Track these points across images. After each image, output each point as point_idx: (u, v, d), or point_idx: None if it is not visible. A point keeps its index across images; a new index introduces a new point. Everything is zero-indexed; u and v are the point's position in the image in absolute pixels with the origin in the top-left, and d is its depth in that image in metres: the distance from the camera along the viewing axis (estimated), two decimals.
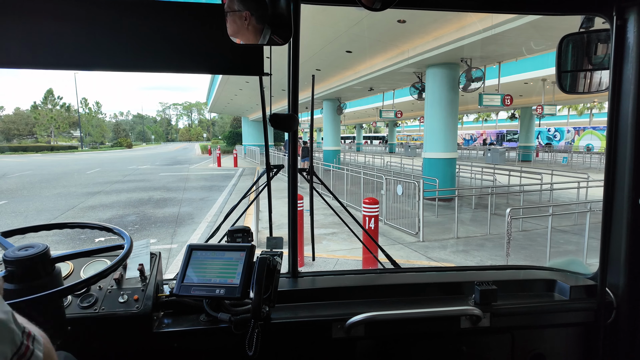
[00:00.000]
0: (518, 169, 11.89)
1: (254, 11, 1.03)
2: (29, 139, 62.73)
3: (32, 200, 11.19)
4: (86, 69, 1.14)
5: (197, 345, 1.18)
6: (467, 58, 9.30)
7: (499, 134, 42.32)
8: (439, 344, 1.33)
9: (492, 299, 1.31)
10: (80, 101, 76.75)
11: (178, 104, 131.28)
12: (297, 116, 1.33)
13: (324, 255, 5.74)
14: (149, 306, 1.14)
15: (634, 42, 1.19)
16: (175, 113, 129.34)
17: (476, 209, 9.05)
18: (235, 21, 1.04)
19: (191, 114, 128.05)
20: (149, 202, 10.56)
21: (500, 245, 6.17)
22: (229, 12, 1.02)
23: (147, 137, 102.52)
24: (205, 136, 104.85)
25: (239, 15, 1.03)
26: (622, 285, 1.32)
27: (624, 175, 1.26)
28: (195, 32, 1.21)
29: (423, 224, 6.28)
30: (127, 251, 1.08)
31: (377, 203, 4.83)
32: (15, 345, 0.55)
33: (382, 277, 1.52)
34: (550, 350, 1.38)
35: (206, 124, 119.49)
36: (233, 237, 1.29)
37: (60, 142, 60.11)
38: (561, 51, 1.31)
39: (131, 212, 9.19)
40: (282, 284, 1.39)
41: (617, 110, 1.26)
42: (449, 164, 9.89)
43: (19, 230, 1.15)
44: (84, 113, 70.30)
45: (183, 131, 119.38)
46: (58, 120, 62.26)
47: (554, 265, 1.63)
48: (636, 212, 1.24)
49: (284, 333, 1.24)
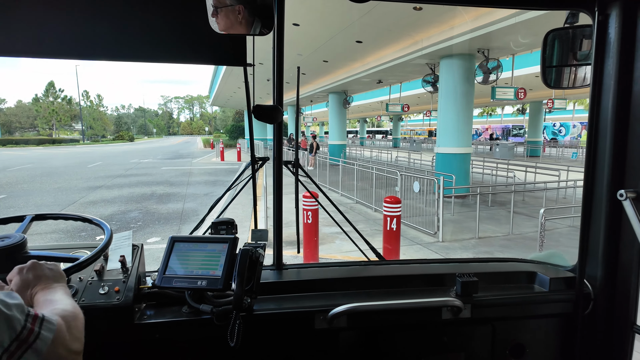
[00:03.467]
0: (532, 165, 11.51)
1: (237, 1, 1.02)
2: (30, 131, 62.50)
3: (32, 195, 10.88)
4: (65, 57, 1.14)
5: (179, 336, 1.18)
6: (485, 49, 8.88)
7: (505, 129, 41.77)
8: (420, 334, 1.34)
9: (473, 291, 1.32)
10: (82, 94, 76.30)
11: (180, 97, 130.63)
12: (281, 108, 1.31)
13: (338, 256, 5.41)
14: (130, 297, 1.14)
15: (615, 38, 1.19)
16: (176, 106, 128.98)
17: (492, 206, 8.70)
18: (218, 11, 1.02)
19: (193, 108, 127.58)
20: (151, 197, 10.24)
21: (525, 246, 5.83)
22: (212, 2, 1.01)
23: (148, 131, 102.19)
24: (207, 130, 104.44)
25: (221, 4, 1.02)
26: (599, 277, 1.34)
27: (603, 169, 1.27)
28: (177, 21, 1.19)
29: (442, 223, 5.93)
30: (106, 242, 1.11)
31: (399, 202, 4.50)
32: (14, 331, 0.60)
33: (366, 269, 1.53)
34: (530, 341, 1.40)
35: (208, 118, 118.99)
36: (217, 229, 1.29)
37: (61, 135, 59.91)
38: (546, 46, 1.32)
39: (133, 208, 8.87)
40: (267, 275, 1.39)
41: (597, 105, 1.26)
42: (463, 159, 9.51)
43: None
44: (86, 106, 69.97)
45: (185, 125, 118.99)
46: (59, 113, 61.92)
47: (535, 258, 1.65)
48: (615, 205, 1.25)
49: (266, 324, 1.24)
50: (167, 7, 1.17)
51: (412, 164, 16.72)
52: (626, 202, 1.16)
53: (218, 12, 1.02)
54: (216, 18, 1.02)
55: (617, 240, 1.30)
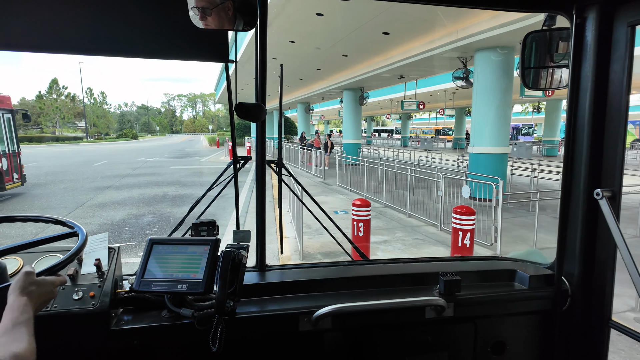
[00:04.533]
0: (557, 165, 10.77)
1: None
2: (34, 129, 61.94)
3: (37, 196, 10.27)
4: (42, 51, 1.12)
5: (158, 341, 1.15)
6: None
7: (515, 128, 40.92)
8: (404, 334, 1.34)
9: (456, 289, 1.32)
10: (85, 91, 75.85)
11: (182, 95, 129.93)
12: (264, 106, 1.25)
13: None
14: (106, 303, 1.10)
15: (592, 41, 1.21)
16: (179, 104, 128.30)
17: (532, 211, 8.02)
18: (200, 6, 0.99)
19: (196, 106, 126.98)
20: (164, 199, 9.60)
21: None
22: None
23: (151, 129, 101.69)
24: (211, 128, 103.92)
25: (210, 3, 0.98)
26: (576, 274, 1.36)
27: (580, 168, 1.30)
28: (157, 16, 1.17)
29: (501, 235, 5.25)
30: (80, 245, 1.08)
31: (473, 214, 3.83)
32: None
33: (350, 269, 1.52)
34: (510, 338, 1.43)
35: (211, 116, 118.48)
36: (197, 230, 1.24)
37: (65, 132, 59.44)
38: (525, 48, 1.35)
39: (146, 211, 8.23)
40: (249, 277, 1.36)
41: (575, 107, 1.29)
42: (499, 160, 8.82)
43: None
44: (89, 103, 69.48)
45: (188, 123, 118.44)
46: (63, 111, 61.42)
47: (515, 256, 1.67)
48: (591, 204, 1.27)
49: (249, 327, 1.21)
50: (147, 3, 1.15)
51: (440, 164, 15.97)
52: (602, 201, 1.19)
53: (205, 10, 0.98)
54: (201, 15, 0.98)
55: (594, 238, 1.31)
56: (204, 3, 0.98)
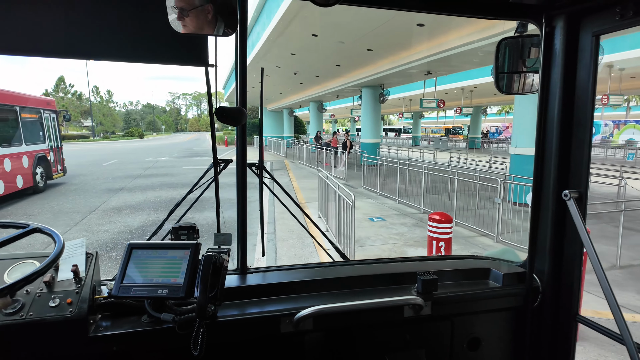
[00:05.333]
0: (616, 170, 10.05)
1: (202, 1, 0.97)
2: None
3: (47, 199, 9.69)
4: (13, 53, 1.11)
5: (138, 347, 1.14)
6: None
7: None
8: (383, 333, 1.37)
9: (433, 288, 1.36)
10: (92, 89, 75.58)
11: (187, 94, 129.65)
12: (245, 110, 1.22)
13: None
14: (84, 309, 1.08)
15: (560, 48, 1.26)
16: (184, 103, 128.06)
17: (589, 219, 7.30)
18: (183, 12, 0.97)
19: (200, 104, 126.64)
20: (182, 203, 8.98)
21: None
22: (175, 3, 0.95)
23: (157, 127, 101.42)
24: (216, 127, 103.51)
25: (189, 6, 0.96)
26: (546, 272, 1.41)
27: (550, 170, 1.34)
28: (136, 20, 1.15)
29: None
30: (57, 252, 1.05)
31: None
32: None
33: (331, 270, 1.53)
34: (485, 334, 1.47)
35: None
36: (177, 234, 1.25)
37: (71, 131, 59.05)
38: (498, 53, 1.39)
39: (165, 216, 7.62)
40: (230, 280, 1.37)
41: (545, 111, 1.33)
42: None
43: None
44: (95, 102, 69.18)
45: (192, 121, 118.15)
46: (69, 109, 61.15)
47: (489, 255, 1.73)
48: (560, 204, 1.31)
49: (231, 331, 1.21)
50: (125, 6, 1.14)
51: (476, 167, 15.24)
52: (570, 201, 1.24)
53: (183, 13, 0.96)
54: (180, 19, 0.96)
55: (562, 237, 1.36)
56: (183, 4, 0.95)
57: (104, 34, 1.12)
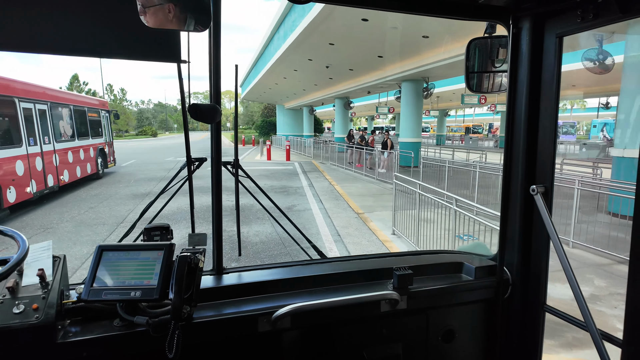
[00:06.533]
0: None
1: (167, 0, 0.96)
2: None
3: (66, 206, 8.67)
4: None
5: (111, 352, 1.10)
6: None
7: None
8: (361, 328, 1.40)
9: (409, 283, 1.39)
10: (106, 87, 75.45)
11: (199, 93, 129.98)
12: (219, 107, 1.23)
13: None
14: (52, 315, 1.04)
15: (526, 49, 1.32)
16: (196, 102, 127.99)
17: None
18: (146, 9, 0.95)
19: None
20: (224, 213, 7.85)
21: None
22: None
23: (169, 126, 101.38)
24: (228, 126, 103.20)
25: (149, 3, 0.94)
26: (516, 264, 1.47)
27: (518, 165, 1.40)
28: (106, 14, 1.14)
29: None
30: (21, 256, 1.01)
31: None
32: None
33: (308, 267, 1.52)
34: (459, 326, 1.52)
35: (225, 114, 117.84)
36: (150, 235, 1.22)
37: None
38: (469, 53, 1.42)
39: (203, 229, 6.48)
40: (206, 281, 1.34)
41: (513, 109, 1.39)
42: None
43: None
44: (110, 100, 69.08)
45: None
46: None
47: (461, 249, 1.81)
48: (528, 199, 1.37)
49: (207, 332, 1.19)
50: (95, 0, 1.13)
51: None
52: (537, 196, 1.30)
53: (146, 10, 0.94)
54: (144, 15, 0.94)
55: (530, 231, 1.42)
56: (151, 7, 0.94)
57: (74, 28, 1.11)
